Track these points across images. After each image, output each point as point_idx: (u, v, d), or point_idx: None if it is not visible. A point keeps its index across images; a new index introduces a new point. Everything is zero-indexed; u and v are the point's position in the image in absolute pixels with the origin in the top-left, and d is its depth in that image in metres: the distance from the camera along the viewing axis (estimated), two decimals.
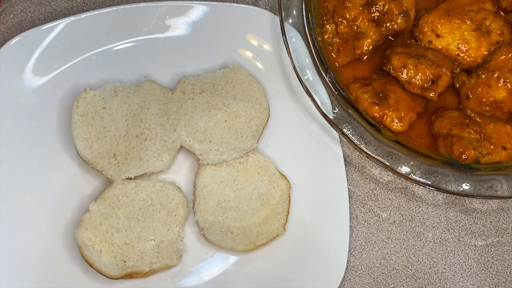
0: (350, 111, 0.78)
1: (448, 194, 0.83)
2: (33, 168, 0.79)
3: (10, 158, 0.79)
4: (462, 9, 0.80)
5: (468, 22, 0.79)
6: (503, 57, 0.78)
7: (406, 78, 0.77)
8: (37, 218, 0.78)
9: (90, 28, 0.82)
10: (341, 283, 0.80)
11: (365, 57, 0.81)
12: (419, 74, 0.77)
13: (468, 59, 0.80)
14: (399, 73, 0.77)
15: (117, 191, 0.78)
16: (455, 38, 0.80)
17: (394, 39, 0.82)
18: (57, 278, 0.77)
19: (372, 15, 0.80)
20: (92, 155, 0.79)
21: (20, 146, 0.79)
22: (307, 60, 0.79)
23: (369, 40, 0.80)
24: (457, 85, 0.81)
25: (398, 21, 0.80)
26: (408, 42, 0.82)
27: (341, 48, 0.81)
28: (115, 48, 0.84)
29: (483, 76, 0.78)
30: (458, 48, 0.80)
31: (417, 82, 0.77)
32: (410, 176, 0.77)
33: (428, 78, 0.77)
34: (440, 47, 0.80)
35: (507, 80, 0.78)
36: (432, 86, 0.77)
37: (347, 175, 0.83)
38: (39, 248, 0.78)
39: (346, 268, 0.81)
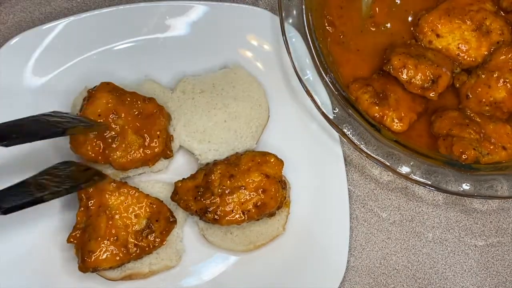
0: (350, 111, 0.78)
1: (448, 194, 0.83)
2: (33, 167, 0.79)
3: (9, 158, 0.79)
4: (462, 9, 0.80)
5: (468, 22, 0.79)
6: (503, 57, 0.78)
7: (406, 78, 0.77)
8: (36, 219, 0.79)
9: (90, 28, 0.82)
10: (341, 283, 0.80)
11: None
12: (419, 74, 0.77)
13: (468, 59, 0.80)
14: (399, 73, 0.77)
15: None
16: (455, 38, 0.80)
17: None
18: (57, 279, 0.78)
19: None
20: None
21: (18, 146, 0.79)
22: (307, 60, 0.79)
23: None
24: (457, 85, 0.81)
25: None
26: (408, 42, 0.82)
27: None
28: (115, 48, 0.84)
29: (483, 76, 0.78)
30: (458, 48, 0.80)
31: (417, 82, 0.77)
32: (410, 176, 0.77)
33: (428, 78, 0.77)
34: (440, 47, 0.80)
35: (507, 80, 0.78)
36: (432, 86, 0.77)
37: (347, 175, 0.83)
38: (38, 250, 0.78)
39: (346, 268, 0.81)
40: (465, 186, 0.77)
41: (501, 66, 0.78)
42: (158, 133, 0.77)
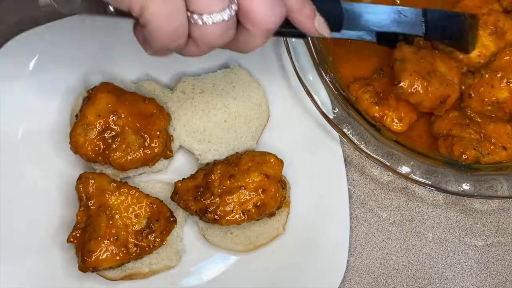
0: (350, 111, 0.78)
1: (448, 194, 0.83)
2: (31, 167, 0.80)
3: (9, 158, 0.79)
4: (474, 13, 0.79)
5: (485, 27, 0.79)
6: (507, 57, 0.78)
7: (416, 101, 0.76)
8: (35, 218, 0.79)
9: (90, 28, 0.82)
10: (341, 283, 0.80)
11: None
12: (430, 96, 0.75)
13: (483, 62, 0.79)
14: (409, 97, 0.76)
15: None
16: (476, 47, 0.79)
17: None
18: (57, 279, 0.78)
19: None
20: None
21: (18, 146, 0.80)
22: (307, 60, 0.79)
23: None
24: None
25: None
26: (421, 42, 0.80)
27: None
28: (115, 48, 0.84)
29: (487, 76, 0.78)
30: (479, 56, 0.79)
31: (427, 105, 0.76)
32: (410, 176, 0.77)
33: (438, 100, 0.76)
34: (461, 57, 0.79)
35: (511, 81, 0.78)
36: (441, 106, 0.77)
37: (347, 175, 0.83)
38: (37, 250, 0.78)
39: (346, 268, 0.81)
40: (465, 186, 0.77)
41: (505, 66, 0.78)
42: (158, 133, 0.77)
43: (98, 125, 0.76)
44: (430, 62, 0.77)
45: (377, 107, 0.78)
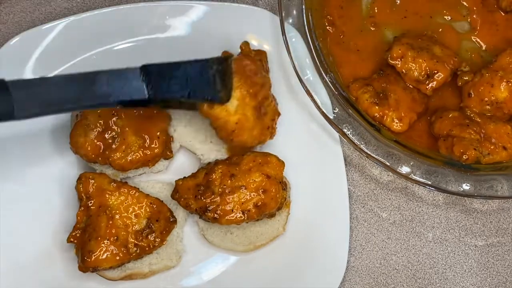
0: (350, 111, 0.78)
1: (448, 194, 0.83)
2: (31, 168, 0.80)
3: (9, 158, 0.79)
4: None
5: None
6: (508, 58, 0.78)
7: (402, 68, 0.78)
8: (36, 218, 0.79)
9: (90, 28, 0.82)
10: (341, 283, 0.80)
11: None
12: (416, 67, 0.77)
13: None
14: (396, 63, 0.78)
15: None
16: None
17: None
18: (57, 280, 0.78)
19: None
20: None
21: (18, 145, 0.80)
22: (307, 60, 0.79)
23: None
24: (460, 83, 0.80)
25: None
26: (425, 33, 0.82)
27: None
28: (115, 48, 0.84)
29: (487, 75, 0.78)
30: None
31: (412, 74, 0.77)
32: (410, 176, 0.77)
33: (424, 72, 0.77)
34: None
35: (511, 81, 0.78)
36: (427, 80, 0.77)
37: (347, 175, 0.83)
38: (38, 250, 0.78)
39: (346, 268, 0.81)
40: (465, 186, 0.77)
41: (506, 66, 0.78)
42: (158, 134, 0.77)
43: (98, 125, 0.76)
44: (427, 43, 0.79)
45: (377, 107, 0.78)
